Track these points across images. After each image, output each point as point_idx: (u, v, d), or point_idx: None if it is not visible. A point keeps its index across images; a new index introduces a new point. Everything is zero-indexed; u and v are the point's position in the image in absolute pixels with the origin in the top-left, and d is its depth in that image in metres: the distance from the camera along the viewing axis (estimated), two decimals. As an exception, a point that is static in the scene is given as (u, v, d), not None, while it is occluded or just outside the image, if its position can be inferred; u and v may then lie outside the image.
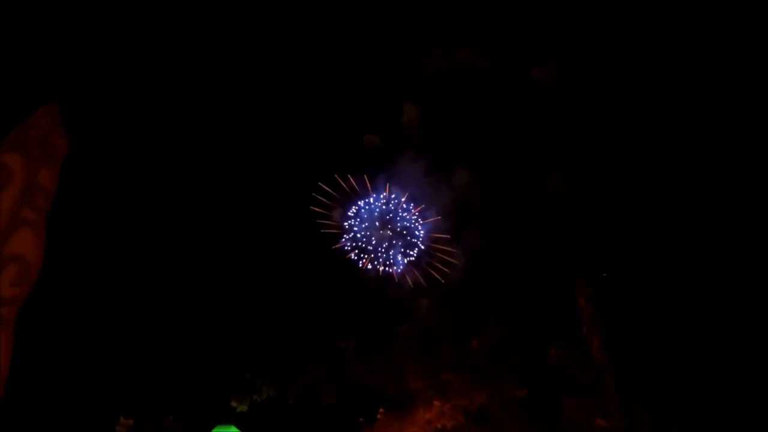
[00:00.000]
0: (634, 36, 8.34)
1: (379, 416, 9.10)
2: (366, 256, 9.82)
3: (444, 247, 9.33)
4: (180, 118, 9.95)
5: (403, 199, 9.71)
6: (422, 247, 9.63)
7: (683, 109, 8.09)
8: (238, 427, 8.37)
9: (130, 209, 9.92)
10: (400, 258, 9.84)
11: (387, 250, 9.92)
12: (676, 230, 7.92)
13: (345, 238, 9.90)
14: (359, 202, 9.97)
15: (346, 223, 9.89)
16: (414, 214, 9.76)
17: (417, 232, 9.90)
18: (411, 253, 9.75)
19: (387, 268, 9.70)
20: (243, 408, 9.61)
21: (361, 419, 9.28)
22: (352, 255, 9.84)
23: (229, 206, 10.33)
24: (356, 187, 10.01)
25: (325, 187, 9.81)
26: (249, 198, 10.29)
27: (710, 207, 7.86)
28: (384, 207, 10.06)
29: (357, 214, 9.99)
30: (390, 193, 9.88)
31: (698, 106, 8.06)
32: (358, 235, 9.96)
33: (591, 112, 8.33)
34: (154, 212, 10.13)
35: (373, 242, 9.92)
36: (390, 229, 10.02)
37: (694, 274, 7.79)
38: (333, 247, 9.72)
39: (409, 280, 9.44)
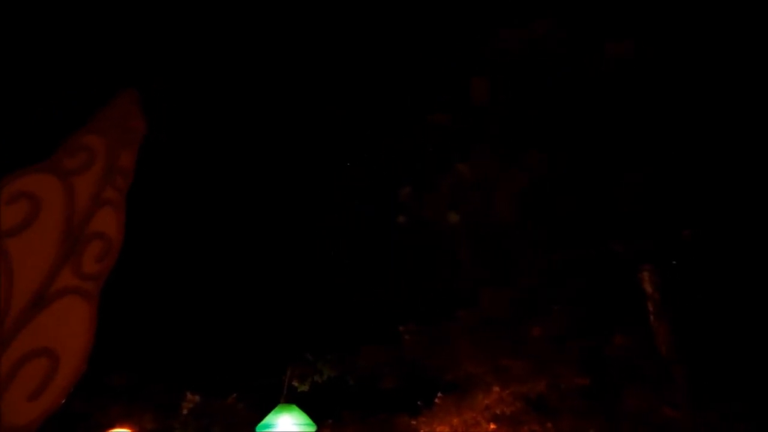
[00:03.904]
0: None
1: (437, 400, 9.10)
2: None
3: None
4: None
5: None
6: None
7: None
8: (299, 406, 8.52)
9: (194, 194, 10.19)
10: None
11: None
12: (753, 217, 7.59)
13: None
14: None
15: None
16: None
17: None
18: None
19: None
20: (304, 388, 9.82)
21: (419, 402, 9.31)
22: None
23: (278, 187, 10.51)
24: None
25: None
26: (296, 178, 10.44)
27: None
28: None
29: None
30: None
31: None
32: None
33: (671, 95, 7.95)
34: (214, 195, 10.38)
35: None
36: None
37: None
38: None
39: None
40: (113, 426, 9.25)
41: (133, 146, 2.95)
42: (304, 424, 8.15)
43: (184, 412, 10.15)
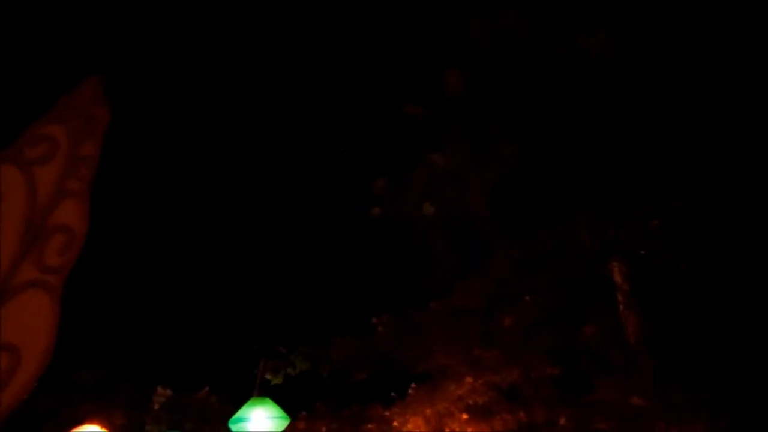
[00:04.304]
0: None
1: (410, 391, 9.12)
2: None
3: None
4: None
5: None
6: None
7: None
8: (272, 399, 8.47)
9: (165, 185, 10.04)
10: None
11: None
12: (722, 209, 7.71)
13: None
14: None
15: None
16: None
17: None
18: None
19: None
20: (277, 381, 9.75)
21: (392, 394, 9.32)
22: None
23: (260, 180, 10.41)
24: None
25: None
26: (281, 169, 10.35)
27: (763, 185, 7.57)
28: None
29: None
30: None
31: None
32: None
33: (642, 87, 8.00)
34: (187, 185, 10.25)
35: None
36: None
37: (738, 255, 7.60)
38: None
39: None
40: (83, 422, 9.09)
41: (97, 135, 2.86)
42: (278, 417, 8.11)
43: (156, 407, 10.03)
